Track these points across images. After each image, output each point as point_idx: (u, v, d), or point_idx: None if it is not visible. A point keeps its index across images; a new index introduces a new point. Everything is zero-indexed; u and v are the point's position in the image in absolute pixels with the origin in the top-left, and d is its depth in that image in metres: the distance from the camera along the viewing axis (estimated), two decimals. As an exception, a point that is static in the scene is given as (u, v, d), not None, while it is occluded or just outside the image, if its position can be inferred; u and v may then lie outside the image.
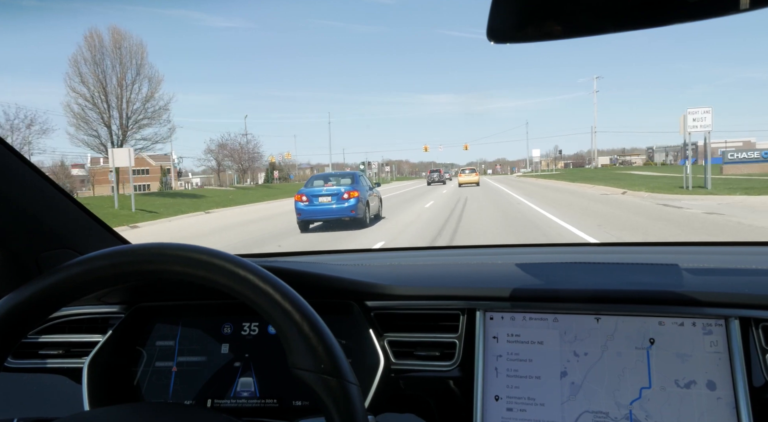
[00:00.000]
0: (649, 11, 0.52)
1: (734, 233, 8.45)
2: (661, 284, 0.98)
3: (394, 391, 1.05)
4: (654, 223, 10.13)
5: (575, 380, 0.93)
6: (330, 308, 1.04)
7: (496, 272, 1.18)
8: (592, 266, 1.14)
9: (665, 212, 11.92)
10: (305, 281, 1.06)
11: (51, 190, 0.98)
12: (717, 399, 0.87)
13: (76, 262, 0.67)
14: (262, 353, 1.08)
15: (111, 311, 1.14)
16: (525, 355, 0.96)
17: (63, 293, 0.67)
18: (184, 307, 1.13)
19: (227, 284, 0.65)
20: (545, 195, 20.57)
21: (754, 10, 0.48)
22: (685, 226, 9.46)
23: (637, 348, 0.92)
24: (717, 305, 0.91)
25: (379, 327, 1.08)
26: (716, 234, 8.42)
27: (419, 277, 1.15)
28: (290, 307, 0.64)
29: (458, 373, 1.01)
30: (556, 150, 66.13)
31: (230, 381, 1.06)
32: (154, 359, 1.10)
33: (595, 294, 0.97)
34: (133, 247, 0.68)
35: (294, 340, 0.64)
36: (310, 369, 0.63)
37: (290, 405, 1.04)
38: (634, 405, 0.89)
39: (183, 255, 0.66)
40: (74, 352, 1.15)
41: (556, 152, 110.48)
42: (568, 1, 0.54)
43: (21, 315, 0.65)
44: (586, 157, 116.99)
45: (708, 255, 1.31)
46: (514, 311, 0.99)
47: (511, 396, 0.95)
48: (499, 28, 0.56)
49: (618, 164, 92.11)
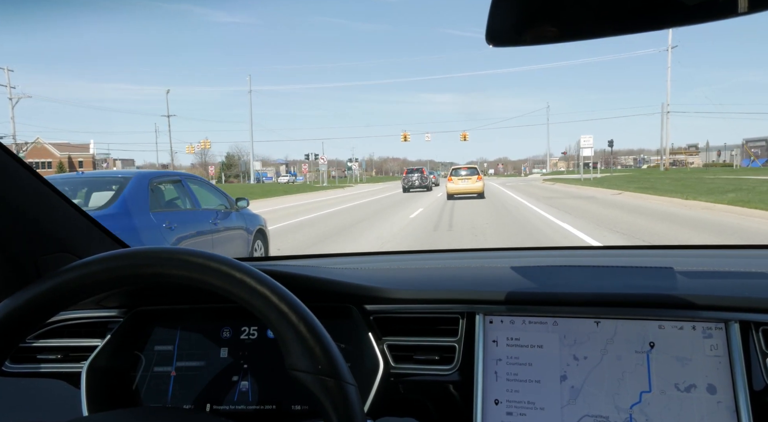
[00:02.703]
0: (647, 14, 0.52)
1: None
2: (660, 288, 0.97)
3: (393, 395, 1.04)
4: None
5: (575, 384, 0.92)
6: (329, 312, 1.04)
7: (495, 275, 1.17)
8: (592, 270, 1.13)
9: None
10: (304, 285, 1.05)
11: (50, 193, 0.98)
12: (717, 403, 0.86)
13: (74, 266, 0.68)
14: (261, 357, 1.07)
15: (109, 315, 1.14)
16: (525, 359, 0.96)
17: (61, 297, 0.67)
18: (182, 311, 1.13)
19: (224, 287, 0.66)
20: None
21: (754, 13, 0.49)
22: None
23: (637, 352, 0.92)
24: (717, 308, 0.91)
25: (379, 330, 1.07)
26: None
27: (418, 280, 1.13)
28: (287, 309, 0.65)
29: (458, 377, 1.01)
30: (607, 144, 47.88)
31: (229, 385, 1.05)
32: (153, 363, 1.09)
33: (594, 298, 0.97)
34: (130, 251, 0.68)
35: (291, 342, 0.64)
36: (308, 370, 0.63)
37: (289, 410, 1.03)
38: (634, 409, 0.89)
39: (180, 258, 0.66)
40: (73, 356, 1.14)
41: (599, 147, 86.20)
42: (566, 5, 0.54)
43: (19, 319, 0.66)
44: (601, 156, 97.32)
45: (708, 259, 1.29)
46: (514, 315, 0.99)
47: (510, 400, 0.95)
48: (498, 31, 0.55)
49: (671, 166, 73.67)
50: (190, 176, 6.54)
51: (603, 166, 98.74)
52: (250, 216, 6.93)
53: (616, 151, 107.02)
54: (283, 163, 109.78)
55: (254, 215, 7.12)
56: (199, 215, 5.86)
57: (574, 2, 0.53)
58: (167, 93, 63.65)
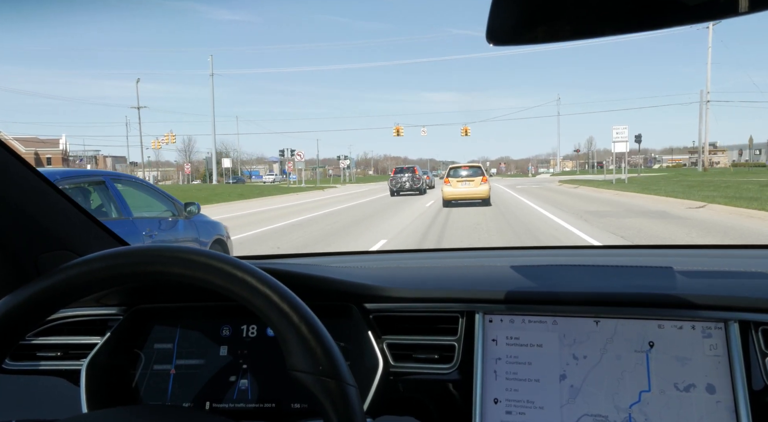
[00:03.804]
0: (648, 14, 0.52)
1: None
2: (660, 288, 0.97)
3: (393, 394, 1.04)
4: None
5: (574, 383, 0.92)
6: (329, 311, 1.03)
7: (495, 274, 1.16)
8: (592, 269, 1.12)
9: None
10: (304, 284, 1.04)
11: (50, 191, 0.98)
12: (716, 403, 0.86)
13: (75, 263, 0.67)
14: (261, 355, 1.06)
15: (109, 313, 1.13)
16: (524, 358, 0.96)
17: (62, 295, 0.67)
18: (182, 309, 1.12)
19: (225, 286, 0.65)
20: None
21: (754, 12, 0.49)
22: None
23: (637, 351, 0.91)
24: (716, 308, 0.91)
25: (378, 329, 1.07)
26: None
27: (418, 279, 1.13)
28: (288, 309, 0.64)
29: (457, 376, 1.01)
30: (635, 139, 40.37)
31: (229, 383, 1.05)
32: (153, 361, 1.09)
33: (594, 297, 0.96)
34: (132, 249, 0.68)
35: (292, 342, 0.64)
36: (309, 371, 0.63)
37: (289, 408, 1.02)
38: (633, 408, 0.89)
39: (181, 257, 0.66)
40: (72, 354, 1.14)
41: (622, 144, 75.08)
42: (567, 4, 0.54)
43: (20, 317, 0.66)
44: (603, 155, 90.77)
45: (708, 258, 1.29)
46: (514, 314, 0.99)
47: (510, 399, 0.94)
48: (498, 30, 0.55)
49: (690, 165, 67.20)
50: (119, 176, 5.61)
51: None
52: (205, 224, 5.98)
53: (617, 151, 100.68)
54: (276, 161, 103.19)
55: (211, 222, 6.22)
56: (128, 225, 4.92)
57: (575, 1, 0.53)
58: (137, 82, 57.61)
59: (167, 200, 5.65)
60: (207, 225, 6.02)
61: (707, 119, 39.45)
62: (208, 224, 6.06)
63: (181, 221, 5.57)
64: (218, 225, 6.26)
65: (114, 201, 4.95)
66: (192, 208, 5.63)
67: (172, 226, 5.47)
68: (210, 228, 6.04)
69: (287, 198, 27.40)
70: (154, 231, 5.12)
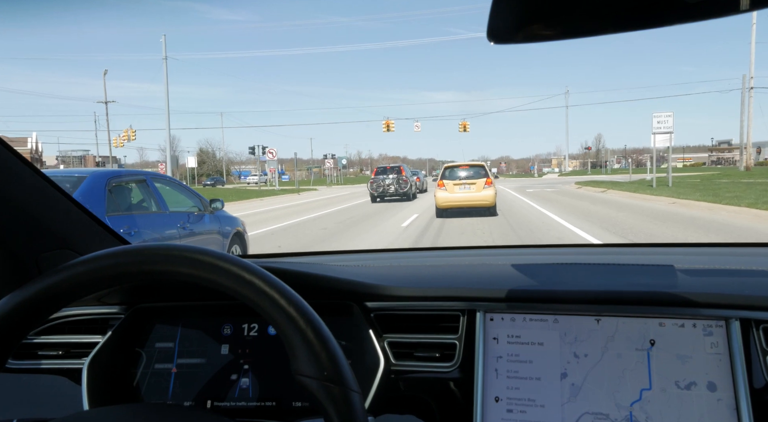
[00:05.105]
0: (648, 12, 0.52)
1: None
2: (661, 286, 0.97)
3: (394, 392, 1.04)
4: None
5: (575, 381, 0.92)
6: (330, 310, 1.04)
7: (496, 273, 1.16)
8: (593, 267, 1.13)
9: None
10: (305, 282, 1.05)
11: (51, 190, 0.98)
12: (717, 401, 0.86)
13: (82, 260, 0.67)
14: (262, 354, 1.07)
15: (110, 312, 1.14)
16: (525, 356, 0.96)
17: (65, 293, 0.67)
18: (183, 308, 1.12)
19: (232, 287, 0.65)
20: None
21: (755, 10, 0.49)
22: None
23: (638, 350, 0.91)
24: (717, 306, 0.91)
25: (379, 328, 1.07)
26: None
27: (419, 278, 1.13)
28: (295, 313, 0.64)
29: (458, 374, 1.01)
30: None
31: (230, 382, 1.05)
32: (154, 360, 1.09)
33: (595, 295, 0.96)
34: (138, 247, 0.68)
35: (298, 346, 0.64)
36: (313, 375, 0.63)
37: (290, 407, 1.03)
38: (634, 406, 0.89)
39: (189, 257, 0.66)
40: (74, 353, 1.14)
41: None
42: (567, 3, 0.54)
43: (22, 316, 0.65)
44: (604, 156, 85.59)
45: (708, 257, 1.29)
46: (515, 313, 0.99)
47: (511, 398, 0.95)
48: (499, 28, 0.55)
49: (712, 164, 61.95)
50: (158, 176, 6.32)
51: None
52: (226, 218, 6.72)
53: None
54: (265, 160, 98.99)
55: (231, 217, 6.89)
56: (165, 219, 5.63)
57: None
58: (104, 74, 52.22)
59: (195, 196, 6.36)
60: (227, 219, 6.71)
61: (750, 108, 32.51)
62: (228, 219, 6.74)
63: (206, 215, 6.25)
64: (236, 219, 6.96)
65: (154, 197, 5.66)
66: (216, 204, 6.34)
67: (199, 219, 6.11)
68: (230, 222, 6.72)
69: (241, 205, 22.00)
70: (186, 224, 5.77)
